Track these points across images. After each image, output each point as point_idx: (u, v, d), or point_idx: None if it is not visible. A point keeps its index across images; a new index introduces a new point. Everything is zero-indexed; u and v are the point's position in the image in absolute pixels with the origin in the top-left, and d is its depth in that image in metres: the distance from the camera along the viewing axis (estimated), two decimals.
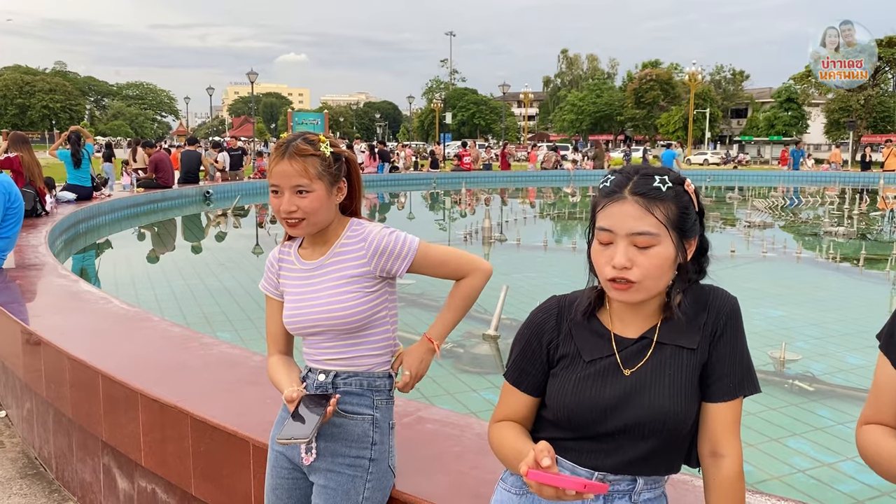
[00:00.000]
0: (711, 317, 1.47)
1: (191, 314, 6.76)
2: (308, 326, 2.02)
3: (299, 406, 1.91)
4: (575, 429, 1.50)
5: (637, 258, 1.39)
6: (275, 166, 1.95)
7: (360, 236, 2.04)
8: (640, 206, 1.39)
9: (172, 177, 16.50)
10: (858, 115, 52.53)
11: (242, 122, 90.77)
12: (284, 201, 1.95)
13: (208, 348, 3.63)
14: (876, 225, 14.86)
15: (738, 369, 1.46)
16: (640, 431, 1.44)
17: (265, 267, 2.17)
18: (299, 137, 1.99)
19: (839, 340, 6.03)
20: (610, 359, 1.48)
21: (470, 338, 6.01)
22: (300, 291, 2.05)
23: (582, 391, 1.47)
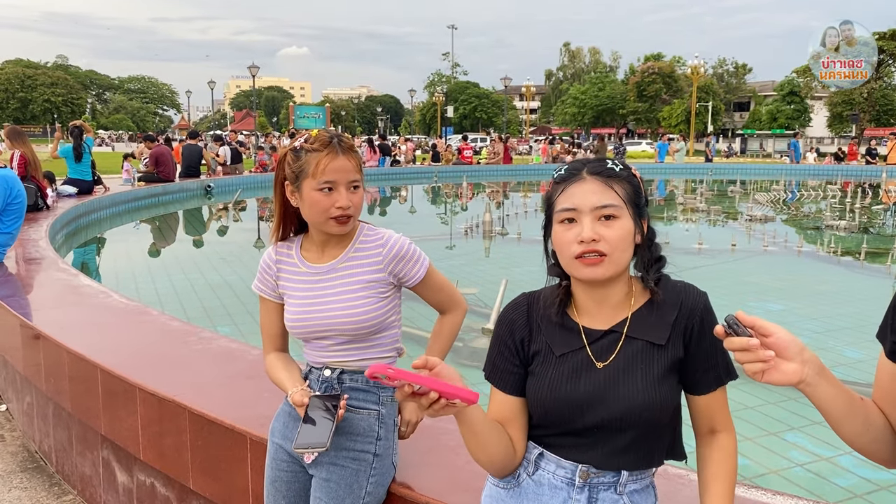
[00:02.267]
0: (684, 315, 1.50)
1: (191, 308, 6.77)
2: (318, 331, 2.00)
3: (308, 408, 1.90)
4: (554, 425, 1.53)
5: (603, 231, 1.44)
6: (331, 162, 1.91)
7: (376, 241, 2.03)
8: (600, 182, 1.47)
9: (174, 171, 16.49)
10: (861, 108, 52.41)
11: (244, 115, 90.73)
12: (342, 197, 1.92)
13: (207, 342, 3.64)
14: (878, 219, 14.82)
15: (719, 360, 1.51)
16: (616, 425, 1.47)
17: (259, 267, 2.12)
18: (336, 135, 1.99)
19: (839, 335, 6.03)
20: (581, 353, 1.51)
21: (469, 331, 6.01)
22: (307, 295, 2.02)
23: (557, 388, 1.50)
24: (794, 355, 1.25)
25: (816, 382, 1.29)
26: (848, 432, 1.37)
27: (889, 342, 1.39)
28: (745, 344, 1.22)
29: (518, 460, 1.57)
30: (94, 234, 11.64)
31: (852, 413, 1.35)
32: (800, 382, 1.26)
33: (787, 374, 1.25)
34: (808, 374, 1.27)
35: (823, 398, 1.31)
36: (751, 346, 1.21)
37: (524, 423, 1.58)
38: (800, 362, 1.26)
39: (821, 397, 1.31)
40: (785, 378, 1.25)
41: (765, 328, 1.24)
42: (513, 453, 1.55)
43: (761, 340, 1.23)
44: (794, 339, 1.26)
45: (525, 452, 1.58)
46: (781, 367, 1.24)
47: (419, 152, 37.99)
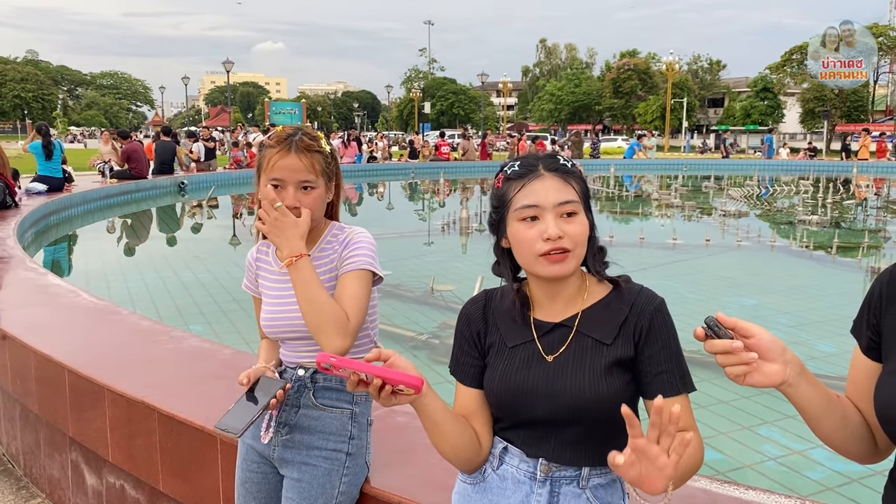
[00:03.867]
0: (634, 315, 1.49)
1: (163, 307, 6.68)
2: (287, 331, 1.98)
3: (252, 391, 1.89)
4: (507, 417, 1.55)
5: (565, 228, 1.45)
6: (280, 160, 1.88)
7: (339, 240, 1.99)
8: (559, 179, 1.48)
9: (146, 167, 16.29)
10: (833, 104, 53.10)
11: (219, 111, 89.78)
12: (289, 196, 1.89)
13: (178, 342, 3.60)
14: (849, 213, 15.03)
15: (674, 365, 1.48)
16: (565, 416, 1.47)
17: (246, 266, 2.13)
18: (300, 132, 1.94)
19: (812, 328, 6.10)
20: (532, 345, 1.53)
21: (445, 328, 6.00)
22: (277, 295, 2.00)
23: (507, 378, 1.52)
24: (776, 356, 1.24)
25: (797, 383, 1.28)
26: (825, 430, 1.37)
27: (865, 338, 1.38)
28: (728, 346, 1.20)
29: (484, 454, 1.58)
30: (65, 232, 11.46)
31: (830, 411, 1.35)
32: (782, 384, 1.26)
33: (770, 375, 1.24)
34: (790, 375, 1.26)
35: (804, 398, 1.30)
36: (734, 349, 1.20)
37: (488, 416, 1.60)
38: (782, 363, 1.25)
39: (801, 397, 1.30)
40: (768, 380, 1.24)
41: (746, 329, 1.23)
42: (478, 446, 1.56)
43: (742, 342, 1.21)
44: (775, 339, 1.25)
45: (491, 447, 1.59)
46: (764, 369, 1.23)
47: (395, 148, 37.88)
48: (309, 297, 1.82)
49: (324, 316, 1.81)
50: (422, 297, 7.10)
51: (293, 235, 1.84)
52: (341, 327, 1.81)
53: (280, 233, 1.85)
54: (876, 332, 1.36)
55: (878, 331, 1.36)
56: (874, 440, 1.39)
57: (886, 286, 1.36)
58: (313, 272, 1.85)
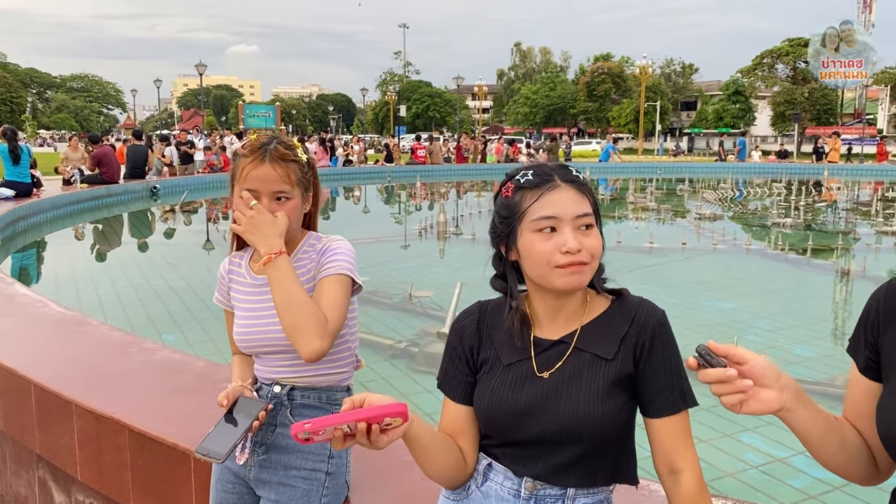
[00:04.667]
0: (635, 330, 1.45)
1: (135, 316, 6.54)
2: (262, 345, 1.91)
3: (231, 412, 1.83)
4: (497, 435, 1.50)
5: (583, 241, 1.41)
6: (253, 170, 1.81)
7: (317, 249, 1.93)
8: (576, 191, 1.44)
9: (117, 172, 16.04)
10: (803, 107, 53.91)
11: (192, 114, 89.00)
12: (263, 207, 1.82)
13: (149, 354, 3.51)
14: (822, 215, 15.23)
15: (675, 381, 1.44)
16: (557, 437, 1.43)
17: (217, 279, 2.05)
18: (275, 140, 1.87)
19: (789, 333, 6.12)
20: (527, 362, 1.48)
21: (424, 336, 5.93)
22: (252, 308, 1.93)
23: (499, 396, 1.47)
24: (771, 382, 1.21)
25: (795, 408, 1.24)
26: (825, 455, 1.33)
27: (863, 357, 1.35)
28: (722, 375, 1.16)
29: (469, 471, 1.54)
30: (33, 238, 11.23)
31: (829, 434, 1.31)
32: (780, 410, 1.22)
33: (767, 402, 1.20)
34: (787, 400, 1.22)
35: (802, 423, 1.27)
36: (728, 378, 1.16)
37: (475, 434, 1.55)
38: (778, 389, 1.21)
39: (799, 422, 1.26)
40: (765, 407, 1.21)
41: (739, 356, 1.20)
42: (463, 465, 1.52)
43: (736, 369, 1.18)
44: (770, 364, 1.21)
45: (476, 463, 1.55)
46: (760, 396, 1.20)
47: (371, 152, 37.73)
48: (287, 297, 1.75)
49: (301, 316, 1.74)
50: (400, 303, 7.02)
51: (271, 233, 1.78)
52: (319, 328, 1.74)
53: (257, 230, 1.78)
54: (874, 352, 1.33)
55: (876, 350, 1.32)
56: (874, 461, 1.36)
57: (884, 304, 1.32)
58: (292, 271, 1.79)
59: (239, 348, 2.01)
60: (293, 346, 1.78)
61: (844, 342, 4.90)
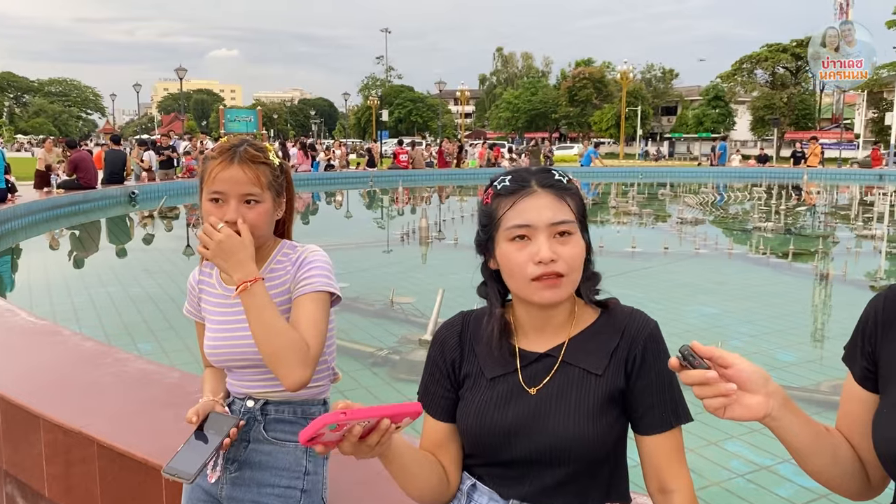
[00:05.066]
0: (626, 343, 1.38)
1: (110, 324, 6.41)
2: (234, 359, 1.83)
3: (201, 429, 1.75)
4: (482, 455, 1.42)
5: (559, 250, 1.33)
6: (221, 171, 1.73)
7: (291, 259, 1.85)
8: (553, 197, 1.35)
9: (95, 177, 15.83)
10: (782, 112, 54.46)
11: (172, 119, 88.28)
12: (230, 210, 1.73)
13: (122, 364, 3.42)
14: (802, 219, 15.33)
15: (668, 396, 1.37)
16: (546, 458, 1.35)
17: (187, 289, 1.98)
18: (246, 142, 1.80)
19: (772, 337, 6.10)
20: (513, 377, 1.40)
21: (406, 343, 5.85)
22: (223, 320, 1.85)
23: (484, 414, 1.39)
24: (757, 387, 1.15)
25: (782, 415, 1.18)
26: (814, 466, 1.27)
27: (859, 367, 1.29)
28: (703, 377, 1.10)
29: (452, 491, 1.46)
30: (7, 245, 11.03)
31: (819, 445, 1.26)
32: (765, 417, 1.16)
33: (752, 408, 1.14)
34: (773, 406, 1.16)
35: (789, 432, 1.21)
36: (709, 379, 1.10)
37: (458, 451, 1.47)
38: (764, 395, 1.15)
39: (786, 431, 1.21)
40: (749, 413, 1.15)
41: (724, 359, 1.13)
42: (446, 484, 1.44)
43: (720, 372, 1.12)
44: (757, 369, 1.15)
45: (459, 483, 1.47)
46: (745, 401, 1.14)
47: (353, 156, 37.59)
48: (265, 326, 1.67)
49: (282, 345, 1.65)
50: (381, 310, 6.94)
51: (245, 259, 1.69)
52: (301, 357, 1.66)
53: (228, 257, 1.69)
54: (871, 362, 1.28)
55: (873, 360, 1.27)
56: (867, 476, 1.31)
57: (882, 312, 1.27)
58: (268, 297, 1.70)
59: (210, 362, 1.93)
60: (274, 374, 1.70)
61: (828, 347, 4.90)
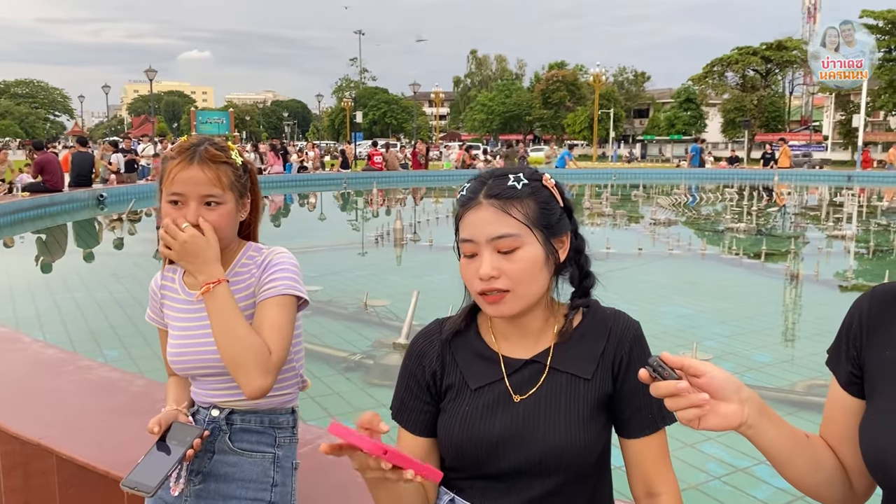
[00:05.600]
0: (612, 345, 1.35)
1: (76, 331, 6.25)
2: (197, 367, 1.76)
3: (163, 440, 1.68)
4: (467, 468, 1.35)
5: (503, 265, 1.29)
6: (180, 172, 1.67)
7: (257, 262, 1.78)
8: (496, 209, 1.30)
9: (61, 179, 15.53)
10: (752, 114, 55.12)
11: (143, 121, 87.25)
12: (190, 212, 1.66)
13: (85, 372, 3.31)
14: (773, 220, 15.49)
15: (654, 398, 1.31)
16: (535, 469, 1.30)
17: (149, 295, 1.90)
18: (206, 142, 1.73)
19: (746, 338, 6.12)
20: (499, 385, 1.35)
21: (380, 347, 5.77)
22: (186, 326, 1.78)
23: (470, 426, 1.33)
24: (730, 395, 1.10)
25: (758, 423, 1.14)
26: (794, 474, 1.23)
27: (844, 372, 1.25)
28: (674, 388, 1.06)
29: None
30: None
31: (799, 453, 1.21)
32: (741, 425, 1.12)
33: (727, 417, 1.10)
34: (748, 414, 1.12)
35: (767, 440, 1.17)
36: (680, 391, 1.06)
37: (436, 466, 1.40)
38: (738, 402, 1.11)
39: (764, 439, 1.17)
40: (724, 422, 1.10)
41: (694, 368, 1.09)
42: (425, 501, 1.38)
43: (692, 382, 1.07)
44: (729, 376, 1.11)
45: (436, 500, 1.40)
46: (719, 410, 1.09)
47: (327, 158, 37.37)
48: (226, 330, 1.61)
49: (242, 351, 1.59)
50: (354, 313, 6.84)
51: (210, 259, 1.64)
52: (262, 364, 1.60)
53: (194, 258, 1.64)
54: (857, 366, 1.23)
55: (859, 364, 1.23)
56: (850, 484, 1.26)
57: (867, 314, 1.23)
58: (232, 300, 1.64)
59: (173, 370, 1.85)
60: (235, 381, 1.63)
61: (802, 347, 4.89)
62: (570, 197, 1.43)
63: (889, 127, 55.22)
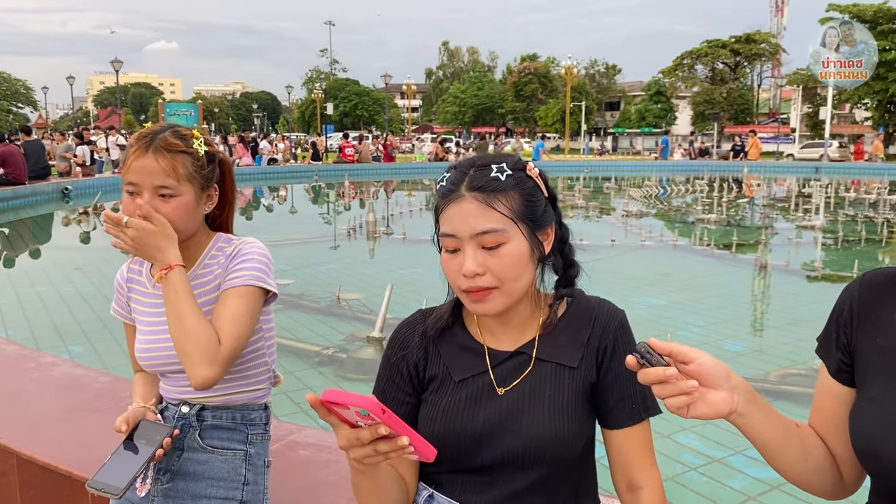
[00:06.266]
0: (597, 333, 1.32)
1: (39, 326, 6.09)
2: (166, 363, 1.69)
3: (131, 438, 1.62)
4: (448, 461, 1.30)
5: (488, 261, 1.24)
6: (134, 161, 1.60)
7: (226, 253, 1.71)
8: (479, 202, 1.25)
9: (24, 172, 15.18)
10: (721, 107, 55.74)
11: (109, 113, 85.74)
12: (142, 204, 1.60)
13: (47, 369, 3.23)
14: (743, 211, 15.67)
15: (639, 388, 1.30)
16: (519, 461, 1.27)
17: (115, 288, 1.83)
18: (168, 129, 1.66)
19: (719, 328, 6.15)
20: (483, 377, 1.32)
21: (353, 341, 5.70)
22: (153, 321, 1.71)
23: (452, 417, 1.29)
24: (720, 382, 1.07)
25: (748, 411, 1.11)
26: (783, 464, 1.21)
27: (834, 360, 1.22)
28: (662, 375, 1.03)
29: (410, 503, 1.35)
30: None
31: (788, 442, 1.19)
32: (731, 413, 1.09)
33: (716, 404, 1.07)
34: (738, 402, 1.09)
35: (756, 428, 1.14)
36: (669, 377, 1.03)
37: (416, 461, 1.36)
38: (728, 390, 1.08)
39: (754, 427, 1.14)
40: (713, 410, 1.07)
41: (683, 354, 1.06)
42: (406, 495, 1.33)
43: (680, 369, 1.04)
44: (718, 363, 1.08)
45: (415, 495, 1.36)
46: (708, 398, 1.06)
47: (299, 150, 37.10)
48: (175, 317, 1.56)
49: (188, 339, 1.54)
50: (327, 307, 6.75)
51: (162, 246, 1.57)
52: (208, 354, 1.53)
53: (147, 248, 1.58)
54: (847, 354, 1.21)
55: (849, 352, 1.20)
56: (840, 473, 1.24)
57: (857, 301, 1.20)
58: (186, 286, 1.58)
59: (141, 366, 1.78)
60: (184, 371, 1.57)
61: (774, 336, 4.91)
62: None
63: (855, 119, 56.22)
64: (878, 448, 1.09)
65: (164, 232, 1.58)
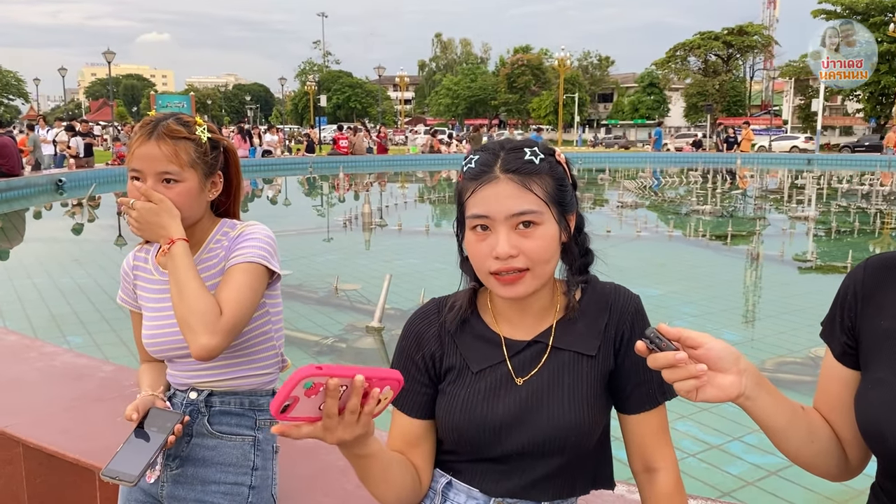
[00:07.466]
0: (614, 319, 1.33)
1: (37, 317, 6.09)
2: (174, 348, 1.70)
3: (142, 427, 1.63)
4: (468, 451, 1.32)
5: (522, 243, 1.23)
6: (138, 147, 1.62)
7: (230, 237, 1.72)
8: (516, 184, 1.23)
9: (18, 164, 15.11)
10: (714, 99, 55.87)
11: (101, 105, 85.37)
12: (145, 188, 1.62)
13: (49, 359, 3.23)
14: (736, 202, 15.73)
15: (654, 373, 1.30)
16: (539, 450, 1.28)
17: (121, 276, 1.84)
18: (171, 117, 1.67)
19: (714, 317, 6.21)
20: (501, 367, 1.32)
21: (352, 331, 5.73)
22: (160, 307, 1.72)
23: (472, 409, 1.29)
24: (729, 366, 1.09)
25: (756, 395, 1.13)
26: (790, 447, 1.22)
27: (838, 343, 1.24)
28: (672, 360, 1.05)
29: (423, 491, 1.36)
30: None
31: (795, 425, 1.21)
32: (739, 396, 1.11)
33: (725, 388, 1.09)
34: (746, 385, 1.11)
35: (764, 411, 1.16)
36: (678, 361, 1.05)
37: (431, 449, 1.37)
38: (736, 373, 1.10)
39: (762, 410, 1.15)
40: (722, 394, 1.09)
41: (692, 339, 1.08)
42: (418, 485, 1.34)
43: (689, 353, 1.06)
44: (727, 347, 1.10)
45: (431, 482, 1.37)
46: (717, 382, 1.08)
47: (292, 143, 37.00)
48: (177, 287, 1.57)
49: (190, 308, 1.54)
50: (325, 297, 6.78)
51: (166, 222, 1.61)
52: (209, 323, 1.54)
53: (149, 225, 1.61)
54: (851, 337, 1.23)
55: (853, 335, 1.22)
56: (846, 456, 1.26)
57: (861, 284, 1.22)
58: (188, 259, 1.60)
59: (149, 353, 1.79)
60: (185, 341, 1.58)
61: (770, 325, 4.94)
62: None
63: (846, 111, 56.41)
64: (884, 429, 1.10)
65: (163, 208, 1.60)
